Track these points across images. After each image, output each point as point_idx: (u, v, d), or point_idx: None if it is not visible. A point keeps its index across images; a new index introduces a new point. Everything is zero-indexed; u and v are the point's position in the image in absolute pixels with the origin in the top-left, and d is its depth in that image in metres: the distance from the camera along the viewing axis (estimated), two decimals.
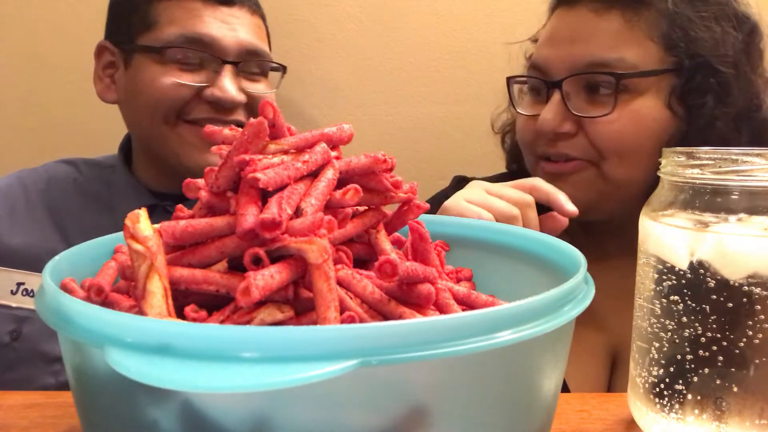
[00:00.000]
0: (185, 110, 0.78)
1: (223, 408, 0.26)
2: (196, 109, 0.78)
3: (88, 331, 0.27)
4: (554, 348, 0.33)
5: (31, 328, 0.72)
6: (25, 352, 0.74)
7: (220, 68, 0.78)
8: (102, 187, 0.85)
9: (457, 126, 1.10)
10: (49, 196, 0.82)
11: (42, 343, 0.75)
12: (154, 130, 0.79)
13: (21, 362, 0.74)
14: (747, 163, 0.38)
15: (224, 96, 0.77)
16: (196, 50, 0.77)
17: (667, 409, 0.39)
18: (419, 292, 0.34)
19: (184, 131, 0.79)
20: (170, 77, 0.77)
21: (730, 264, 0.37)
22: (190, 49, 0.77)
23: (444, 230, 0.49)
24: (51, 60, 1.06)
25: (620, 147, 0.67)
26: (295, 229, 0.31)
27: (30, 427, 0.43)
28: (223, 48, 0.78)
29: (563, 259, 0.40)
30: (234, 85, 0.78)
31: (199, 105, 0.78)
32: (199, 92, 0.78)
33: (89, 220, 0.82)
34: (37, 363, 0.75)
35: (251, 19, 0.81)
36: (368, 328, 0.25)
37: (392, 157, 0.37)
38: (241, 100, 0.79)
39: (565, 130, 0.68)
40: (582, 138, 0.68)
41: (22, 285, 0.76)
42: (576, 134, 0.68)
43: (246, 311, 0.30)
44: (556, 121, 0.68)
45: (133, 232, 0.30)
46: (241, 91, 0.79)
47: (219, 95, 0.77)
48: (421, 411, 0.27)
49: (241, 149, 0.33)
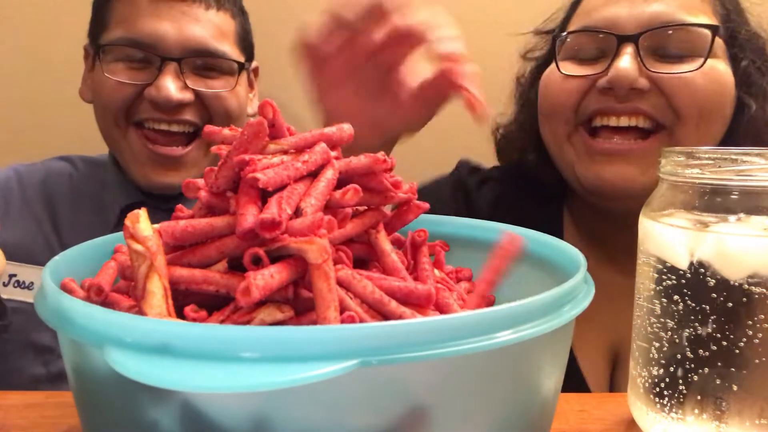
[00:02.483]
0: (131, 111, 0.77)
1: (223, 408, 0.26)
2: (140, 109, 0.76)
3: (88, 331, 0.27)
4: (554, 348, 0.33)
5: (21, 319, 0.72)
6: (15, 342, 0.75)
7: (162, 66, 0.75)
8: (96, 185, 0.85)
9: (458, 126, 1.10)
10: (44, 191, 0.82)
11: (32, 334, 0.75)
12: (108, 132, 0.79)
13: (11, 353, 0.75)
14: (747, 163, 0.38)
15: (159, 95, 0.74)
16: (137, 49, 0.75)
17: (667, 409, 0.39)
18: (419, 293, 0.34)
19: (133, 137, 0.77)
20: (115, 77, 0.76)
21: (730, 264, 0.37)
22: (131, 47, 0.75)
23: (444, 230, 0.49)
24: (51, 60, 1.06)
25: (701, 107, 0.63)
26: (295, 229, 0.31)
27: (30, 427, 0.43)
28: (164, 45, 0.75)
29: (563, 259, 0.40)
30: (174, 83, 0.75)
31: (142, 105, 0.76)
32: (141, 91, 0.76)
33: (81, 216, 0.82)
34: (28, 353, 0.75)
35: (206, 14, 0.78)
36: (368, 328, 0.25)
37: (392, 157, 0.38)
38: (180, 99, 0.75)
39: (641, 85, 0.62)
40: (655, 97, 0.63)
41: (14, 277, 0.77)
42: (649, 92, 0.63)
43: (246, 311, 0.30)
44: (634, 73, 0.62)
45: (132, 232, 0.30)
46: (185, 89, 0.76)
47: (154, 94, 0.75)
48: (421, 411, 0.27)
49: (241, 149, 0.33)
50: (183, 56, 0.76)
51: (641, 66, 0.63)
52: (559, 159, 0.71)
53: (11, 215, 0.80)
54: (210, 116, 0.78)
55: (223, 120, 0.78)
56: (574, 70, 0.67)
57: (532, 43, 0.79)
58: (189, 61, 0.77)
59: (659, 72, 0.63)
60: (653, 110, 0.63)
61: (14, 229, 0.79)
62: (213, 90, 0.78)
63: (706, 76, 0.62)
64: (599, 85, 0.64)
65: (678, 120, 0.63)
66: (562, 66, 0.68)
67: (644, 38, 0.63)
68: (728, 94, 0.65)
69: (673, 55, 0.63)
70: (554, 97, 0.68)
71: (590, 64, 0.67)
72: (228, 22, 0.81)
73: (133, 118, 0.77)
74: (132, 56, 0.76)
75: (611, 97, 0.64)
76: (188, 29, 0.76)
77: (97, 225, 0.81)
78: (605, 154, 0.65)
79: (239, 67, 0.81)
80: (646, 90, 0.63)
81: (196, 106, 0.78)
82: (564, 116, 0.67)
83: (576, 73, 0.66)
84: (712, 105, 0.63)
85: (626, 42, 0.63)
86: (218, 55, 0.78)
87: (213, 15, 0.79)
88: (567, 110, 0.67)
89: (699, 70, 0.62)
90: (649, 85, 0.63)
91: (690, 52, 0.63)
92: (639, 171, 0.64)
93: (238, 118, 0.81)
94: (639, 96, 0.63)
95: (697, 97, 0.62)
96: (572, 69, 0.67)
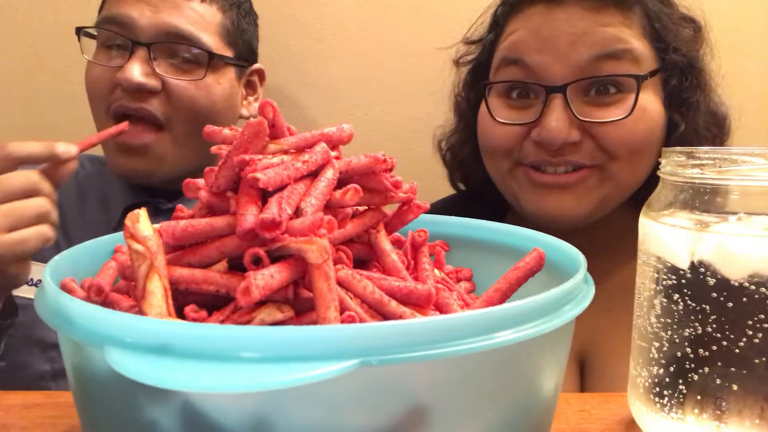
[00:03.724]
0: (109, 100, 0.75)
1: (223, 408, 0.26)
2: (114, 95, 0.75)
3: (88, 331, 0.27)
4: (554, 348, 0.33)
5: (27, 316, 0.72)
6: (20, 339, 0.75)
7: (132, 50, 0.74)
8: (101, 183, 0.85)
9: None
10: None
11: (38, 331, 0.75)
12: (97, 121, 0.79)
13: (17, 349, 0.75)
14: (747, 163, 0.38)
15: (123, 76, 0.72)
16: (111, 32, 0.75)
17: (667, 409, 0.39)
18: (419, 293, 0.34)
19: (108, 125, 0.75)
20: (95, 61, 0.76)
21: (730, 264, 0.37)
22: (106, 29, 0.75)
23: (444, 230, 0.49)
24: (51, 60, 1.06)
25: (633, 147, 0.65)
26: (295, 229, 0.31)
27: (30, 427, 0.43)
28: (136, 29, 0.74)
29: (563, 259, 0.40)
30: (140, 67, 0.73)
31: (116, 91, 0.75)
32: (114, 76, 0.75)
33: (87, 214, 0.82)
34: (33, 350, 0.75)
35: (189, 3, 0.77)
36: (368, 328, 0.25)
37: (392, 157, 0.37)
38: (144, 83, 0.73)
39: (573, 139, 0.65)
40: (588, 143, 0.65)
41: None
42: (581, 141, 0.65)
43: (246, 311, 0.30)
44: (566, 130, 0.64)
45: (133, 232, 0.30)
46: (151, 75, 0.74)
47: (119, 76, 0.73)
48: (421, 411, 0.27)
49: (241, 149, 0.33)
50: (153, 41, 0.74)
51: (571, 117, 0.65)
52: (504, 189, 0.74)
53: None
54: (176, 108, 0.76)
55: (186, 114, 0.76)
56: (508, 114, 0.69)
57: (462, 50, 0.80)
58: (162, 48, 0.75)
59: (590, 120, 0.65)
60: (587, 158, 0.66)
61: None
62: (181, 79, 0.76)
63: (635, 118, 0.64)
64: (533, 137, 0.67)
65: (610, 159, 0.66)
66: (495, 106, 0.70)
67: (572, 88, 0.65)
68: (659, 128, 0.67)
69: (603, 94, 0.65)
70: (492, 140, 0.71)
71: (523, 106, 0.68)
72: (213, 13, 0.79)
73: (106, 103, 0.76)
74: (109, 41, 0.76)
75: (545, 150, 0.66)
76: (163, 15, 0.75)
77: (103, 224, 0.81)
78: (547, 186, 0.68)
79: (216, 57, 0.78)
80: (578, 140, 0.65)
81: (162, 97, 0.76)
82: (504, 156, 0.70)
83: (509, 121, 0.68)
84: (643, 143, 0.66)
85: (555, 93, 0.65)
86: (190, 41, 0.76)
87: (197, 5, 0.78)
88: (505, 152, 0.70)
89: (629, 115, 0.64)
90: (580, 136, 0.65)
91: (620, 87, 0.65)
92: (575, 201, 0.66)
93: (207, 117, 0.77)
94: (572, 147, 0.65)
95: (628, 140, 0.65)
96: (506, 113, 0.69)
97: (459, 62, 0.80)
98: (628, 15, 0.65)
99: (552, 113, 0.64)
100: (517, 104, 0.69)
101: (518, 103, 0.69)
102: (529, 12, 0.68)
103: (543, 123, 0.65)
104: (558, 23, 0.65)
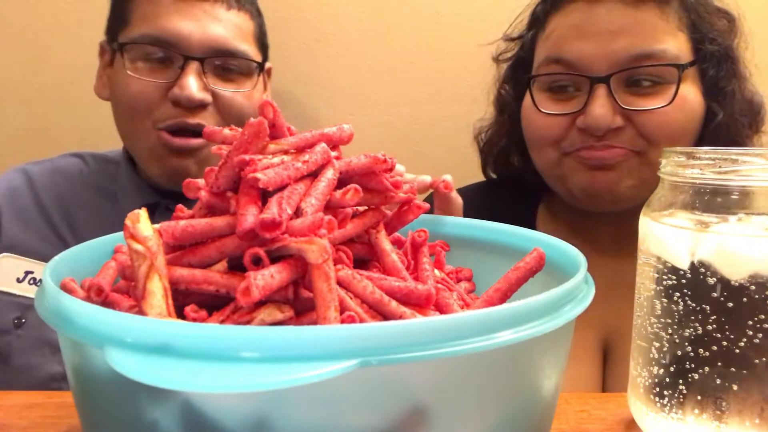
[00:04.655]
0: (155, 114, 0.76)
1: (223, 408, 0.26)
2: (163, 110, 0.76)
3: (88, 331, 0.27)
4: (554, 348, 0.33)
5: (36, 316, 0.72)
6: (29, 339, 0.75)
7: (185, 65, 0.75)
8: (107, 181, 0.85)
9: (458, 126, 1.10)
10: (55, 188, 0.83)
11: (48, 332, 0.75)
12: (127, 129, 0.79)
13: (26, 349, 0.75)
14: (747, 163, 0.38)
15: (182, 94, 0.73)
16: (159, 48, 0.75)
17: (667, 409, 0.39)
18: (419, 293, 0.34)
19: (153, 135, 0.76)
20: (137, 76, 0.75)
21: (730, 264, 0.37)
22: (153, 46, 0.75)
23: (444, 230, 0.49)
24: (51, 60, 1.06)
25: (672, 134, 0.68)
26: (295, 229, 0.31)
27: (30, 427, 0.43)
28: (187, 45, 0.74)
29: (563, 259, 0.40)
30: (197, 83, 0.74)
31: (165, 105, 0.75)
32: (165, 92, 0.75)
33: (96, 208, 0.82)
34: (44, 350, 0.75)
35: (227, 14, 0.78)
36: (368, 328, 0.25)
37: (392, 157, 0.37)
38: (202, 99, 0.75)
39: (617, 124, 0.68)
40: (630, 130, 0.68)
41: (30, 273, 0.76)
42: (624, 127, 0.68)
43: (246, 311, 0.30)
44: (610, 116, 0.67)
45: (133, 232, 0.30)
46: (205, 90, 0.76)
47: (177, 93, 0.74)
48: (421, 411, 0.27)
49: (241, 149, 0.33)
50: (205, 56, 0.76)
51: (615, 104, 0.68)
52: (550, 179, 0.76)
53: (24, 217, 0.80)
54: (226, 120, 0.78)
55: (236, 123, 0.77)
56: (552, 106, 0.72)
57: (502, 47, 0.83)
58: (210, 61, 0.77)
59: (632, 109, 0.68)
60: (628, 144, 0.69)
61: (28, 230, 0.79)
62: (230, 90, 0.78)
63: (676, 107, 0.67)
64: (578, 124, 0.70)
65: (649, 145, 0.69)
66: (540, 99, 0.73)
67: (615, 78, 0.67)
68: (698, 117, 0.70)
69: (645, 85, 0.68)
70: (537, 132, 0.74)
71: (566, 99, 0.72)
72: (247, 22, 0.81)
73: (152, 117, 0.76)
74: (152, 54, 0.76)
75: (589, 136, 0.69)
76: (210, 29, 0.76)
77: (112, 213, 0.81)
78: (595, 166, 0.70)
79: (258, 67, 0.81)
80: (621, 126, 0.68)
81: (212, 109, 0.78)
82: (550, 145, 0.73)
83: (554, 111, 0.71)
84: (682, 131, 0.69)
85: (599, 83, 0.68)
86: (239, 55, 0.78)
87: (234, 15, 0.79)
88: (552, 142, 0.73)
89: (670, 104, 0.67)
90: (623, 122, 0.68)
91: (660, 79, 0.68)
92: (620, 178, 0.70)
93: None
94: (614, 133, 0.69)
95: (668, 127, 0.68)
96: (550, 105, 0.72)
97: (499, 59, 0.84)
98: (665, 9, 0.68)
99: (597, 101, 0.68)
100: (560, 97, 0.72)
101: (561, 96, 0.72)
102: (569, 8, 0.71)
103: (588, 110, 0.68)
104: (598, 18, 0.68)
